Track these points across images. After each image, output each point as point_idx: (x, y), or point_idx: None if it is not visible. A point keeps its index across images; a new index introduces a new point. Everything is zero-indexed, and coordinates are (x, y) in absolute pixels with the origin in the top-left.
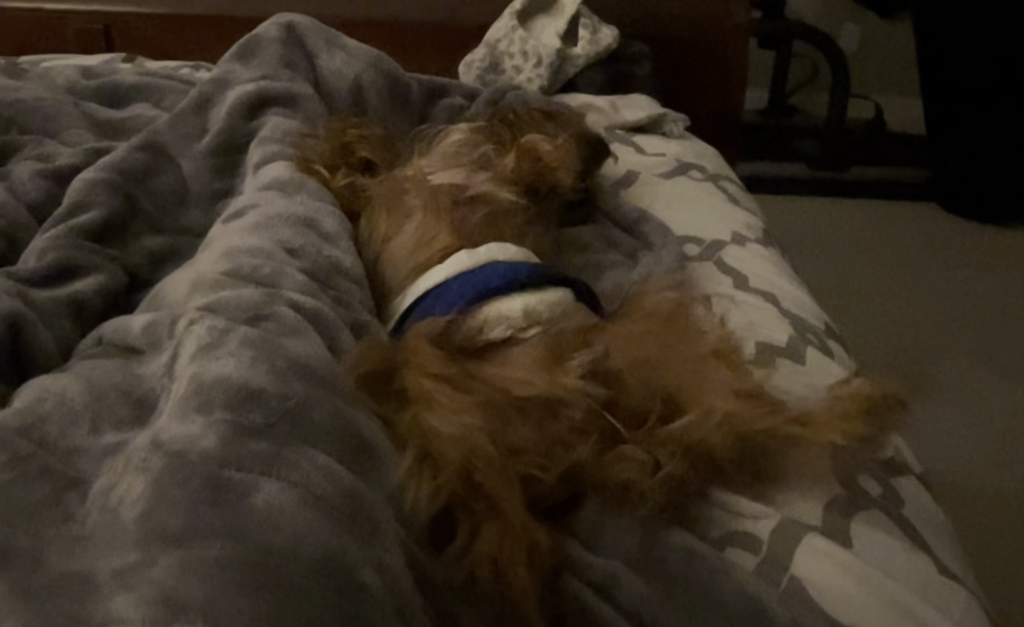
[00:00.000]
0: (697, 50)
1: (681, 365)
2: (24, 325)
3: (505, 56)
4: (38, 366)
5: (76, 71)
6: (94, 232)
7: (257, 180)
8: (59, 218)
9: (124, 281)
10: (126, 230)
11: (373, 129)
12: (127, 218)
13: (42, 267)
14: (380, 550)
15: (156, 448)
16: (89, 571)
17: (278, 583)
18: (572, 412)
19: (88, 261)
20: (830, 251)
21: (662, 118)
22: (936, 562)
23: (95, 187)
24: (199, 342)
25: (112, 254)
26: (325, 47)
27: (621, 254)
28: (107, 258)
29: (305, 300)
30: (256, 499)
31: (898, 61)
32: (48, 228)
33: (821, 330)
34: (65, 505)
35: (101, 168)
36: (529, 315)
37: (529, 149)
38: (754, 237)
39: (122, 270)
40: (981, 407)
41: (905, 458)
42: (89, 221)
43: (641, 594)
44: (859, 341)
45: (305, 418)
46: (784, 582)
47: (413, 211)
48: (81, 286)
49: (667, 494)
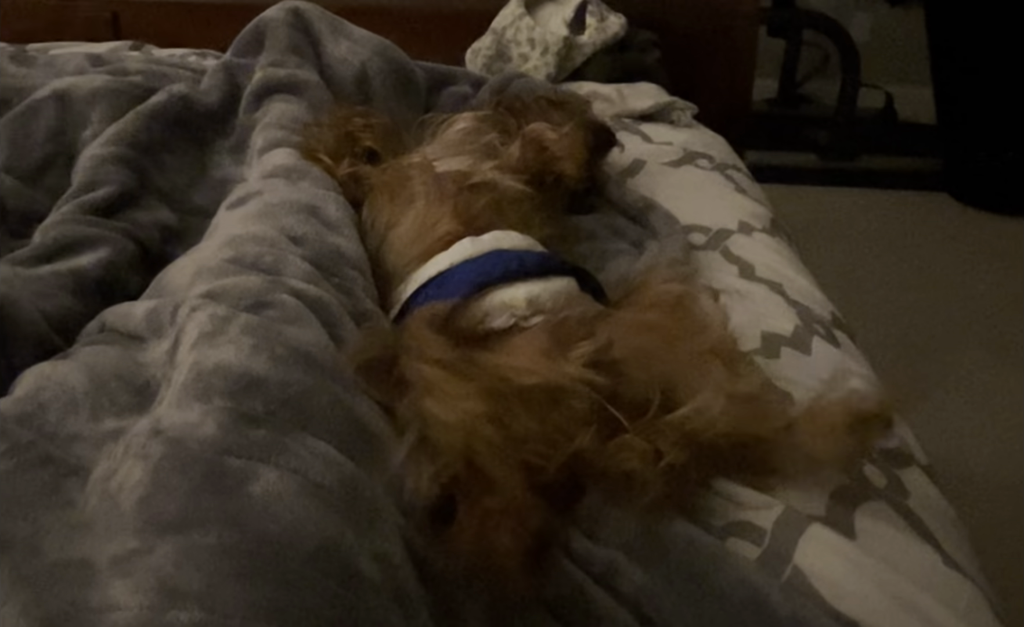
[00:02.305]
0: (705, 38)
1: (681, 358)
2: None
3: (512, 44)
4: (28, 343)
5: (84, 59)
6: (102, 208)
7: (261, 166)
8: (70, 196)
9: (134, 253)
10: (137, 204)
11: (378, 117)
12: (137, 192)
13: (45, 244)
14: (379, 539)
15: (156, 435)
16: (88, 557)
17: (276, 571)
18: (574, 401)
19: (93, 235)
20: (840, 241)
21: (669, 106)
22: (941, 554)
23: (104, 163)
24: (200, 329)
25: (121, 227)
26: (331, 34)
27: (627, 243)
28: (115, 231)
29: (307, 288)
30: (255, 487)
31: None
32: (60, 206)
33: (828, 320)
34: (65, 492)
35: (111, 142)
36: (532, 303)
37: (535, 137)
38: (761, 226)
39: (132, 242)
40: (992, 399)
41: (911, 449)
42: (98, 198)
43: (642, 583)
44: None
45: (305, 406)
46: (787, 573)
47: (417, 198)
48: (84, 260)
49: (668, 484)
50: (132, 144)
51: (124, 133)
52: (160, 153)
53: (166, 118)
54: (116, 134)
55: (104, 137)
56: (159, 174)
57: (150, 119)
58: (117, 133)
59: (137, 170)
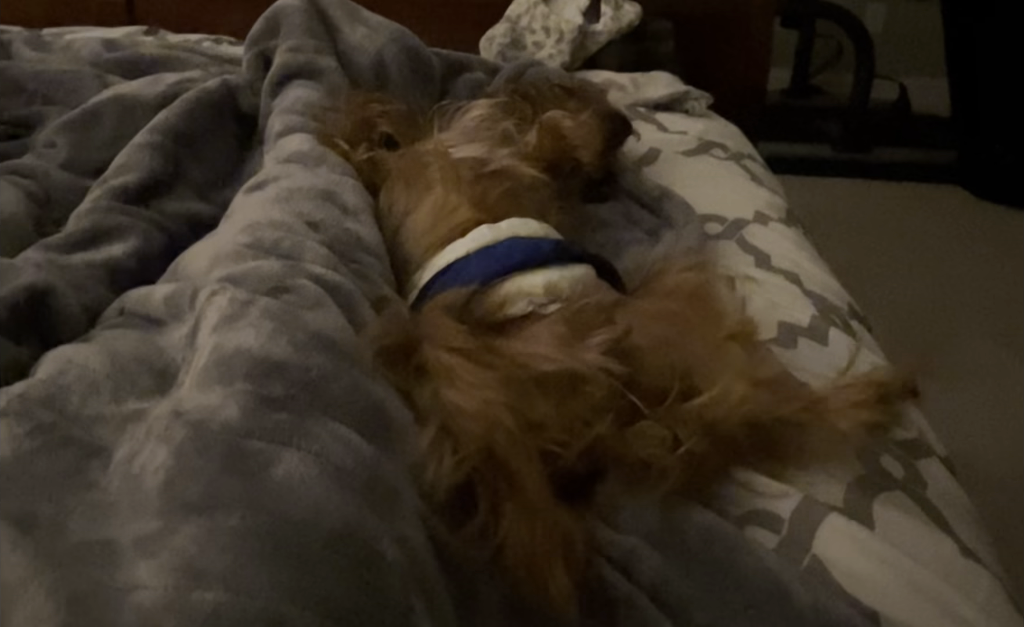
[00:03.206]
0: (720, 28)
1: (699, 346)
2: (49, 293)
3: (527, 32)
4: (64, 331)
5: (99, 44)
6: (134, 194)
7: (277, 151)
8: (103, 181)
9: (162, 243)
10: (168, 193)
11: (394, 104)
12: (170, 182)
13: (78, 232)
14: (400, 523)
15: (178, 417)
16: (112, 538)
17: (298, 553)
18: (592, 388)
19: (124, 223)
20: (853, 233)
21: (684, 96)
22: (959, 544)
23: (139, 150)
24: (220, 313)
25: (150, 216)
26: (347, 20)
27: (642, 232)
28: (145, 220)
29: (326, 273)
30: (276, 470)
31: (923, 42)
32: (95, 190)
33: (844, 311)
34: (88, 473)
35: (150, 130)
36: (550, 291)
37: (551, 126)
38: (777, 217)
39: (161, 232)
40: (1004, 391)
41: (929, 440)
42: (128, 184)
43: (660, 570)
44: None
45: (325, 390)
46: (805, 561)
47: (433, 185)
48: (116, 250)
49: (687, 471)
50: (169, 132)
51: (164, 121)
52: (200, 143)
53: (212, 108)
54: (157, 123)
55: (147, 125)
56: (195, 165)
57: (195, 108)
58: (158, 122)
59: (172, 159)
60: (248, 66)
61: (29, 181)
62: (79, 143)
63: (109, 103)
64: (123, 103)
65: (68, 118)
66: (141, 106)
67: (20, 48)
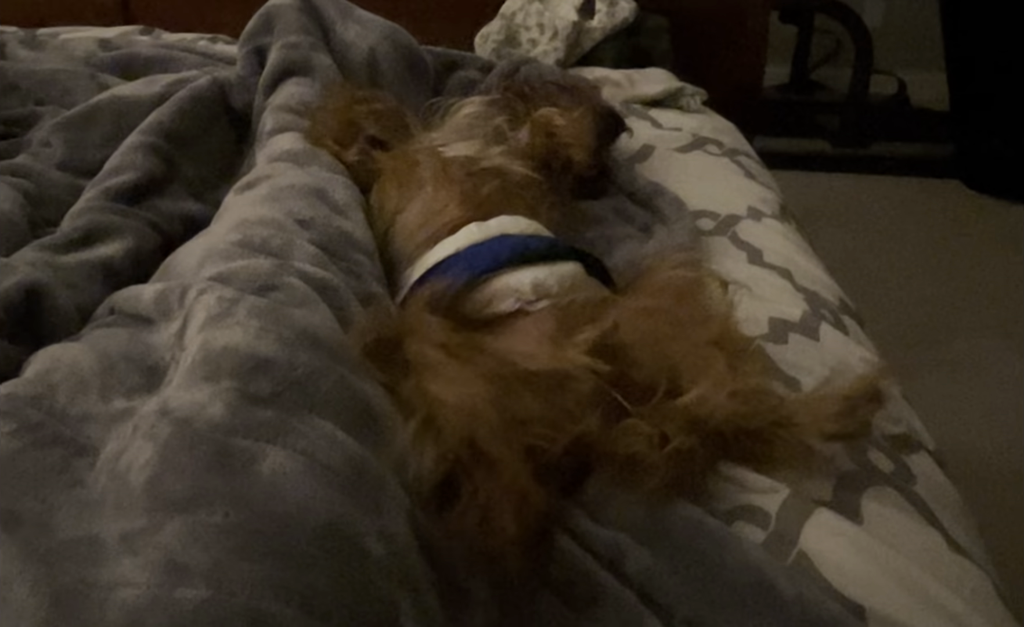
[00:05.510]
0: (716, 24)
1: (684, 347)
2: (43, 292)
3: (521, 29)
4: (58, 331)
5: (94, 43)
6: (128, 194)
7: (269, 149)
8: (97, 181)
9: (156, 242)
10: (162, 193)
11: (383, 102)
12: (164, 181)
13: (73, 231)
14: (385, 518)
15: (164, 415)
16: (97, 535)
17: (282, 549)
18: (578, 386)
19: (119, 223)
20: (852, 228)
21: (679, 92)
22: (947, 539)
23: (133, 150)
24: (208, 311)
25: (144, 216)
26: (340, 18)
27: (635, 228)
28: (139, 220)
29: (315, 271)
30: (262, 466)
31: (922, 36)
32: (89, 190)
33: (836, 306)
34: (74, 471)
35: (144, 130)
36: (538, 288)
37: (543, 123)
38: (770, 212)
39: (154, 232)
40: (1002, 386)
41: (918, 435)
42: (123, 182)
43: (647, 565)
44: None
45: (312, 387)
46: (792, 556)
47: (424, 183)
48: (110, 250)
49: (674, 468)
50: (162, 132)
51: (157, 121)
52: (193, 143)
53: (205, 107)
54: (150, 123)
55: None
56: (189, 164)
57: (187, 107)
58: (151, 122)
59: (165, 159)
60: (242, 63)
61: (24, 180)
62: (75, 143)
63: (106, 103)
64: (120, 103)
65: (64, 118)
66: (138, 107)
67: (15, 48)
